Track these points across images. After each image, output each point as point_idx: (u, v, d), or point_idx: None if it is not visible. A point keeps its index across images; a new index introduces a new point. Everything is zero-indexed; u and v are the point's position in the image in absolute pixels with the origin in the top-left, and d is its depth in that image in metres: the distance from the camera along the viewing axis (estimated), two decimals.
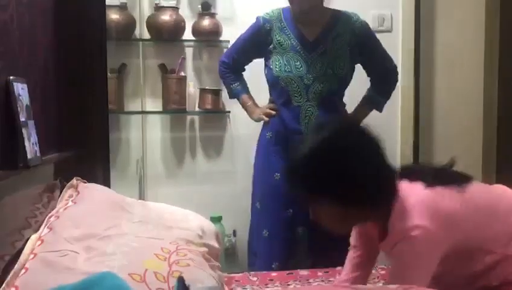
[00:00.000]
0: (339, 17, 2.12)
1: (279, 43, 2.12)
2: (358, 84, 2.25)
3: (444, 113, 2.97)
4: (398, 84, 2.82)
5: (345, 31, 2.10)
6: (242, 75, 2.34)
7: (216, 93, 2.72)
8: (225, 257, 2.60)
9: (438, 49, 2.97)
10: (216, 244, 1.36)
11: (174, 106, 2.72)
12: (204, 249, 1.19)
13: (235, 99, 2.35)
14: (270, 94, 2.24)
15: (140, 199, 2.69)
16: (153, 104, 2.79)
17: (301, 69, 2.09)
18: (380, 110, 2.24)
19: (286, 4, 2.18)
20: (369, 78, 2.25)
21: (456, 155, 3.44)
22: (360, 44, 2.12)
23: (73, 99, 1.88)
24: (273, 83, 2.16)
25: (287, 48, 2.11)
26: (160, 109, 2.77)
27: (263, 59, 2.22)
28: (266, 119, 2.20)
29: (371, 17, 2.78)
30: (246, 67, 2.34)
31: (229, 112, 2.77)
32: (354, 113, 2.22)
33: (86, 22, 1.90)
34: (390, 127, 2.84)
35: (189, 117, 2.84)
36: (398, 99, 2.86)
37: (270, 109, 2.19)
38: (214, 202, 2.72)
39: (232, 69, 2.29)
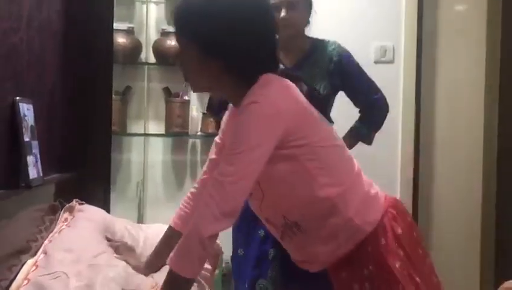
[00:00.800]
0: (318, 45, 2.04)
1: None
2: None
3: (445, 145, 2.99)
4: (399, 115, 2.89)
5: (323, 57, 2.01)
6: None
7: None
8: (222, 283, 2.59)
9: (439, 81, 3.01)
10: (207, 266, 1.36)
11: (176, 129, 2.74)
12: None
13: None
14: None
15: (138, 220, 2.70)
16: (156, 126, 2.82)
17: None
18: (368, 142, 2.06)
19: None
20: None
21: (457, 188, 3.45)
22: (339, 72, 2.01)
23: (77, 120, 1.91)
24: None
25: None
26: (162, 131, 2.79)
27: None
28: None
29: (373, 48, 2.82)
30: None
31: None
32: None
33: (94, 45, 1.94)
34: (390, 161, 2.85)
35: (191, 140, 2.86)
36: (398, 131, 2.88)
37: None
38: None
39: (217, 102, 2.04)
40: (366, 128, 2.06)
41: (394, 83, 2.81)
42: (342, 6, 2.81)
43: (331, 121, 1.97)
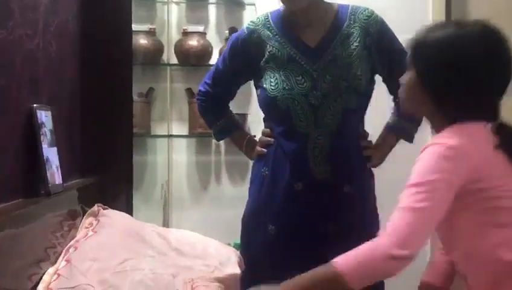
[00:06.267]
0: (347, 13, 1.60)
1: (272, 55, 1.59)
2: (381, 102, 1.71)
3: None
4: None
5: (357, 29, 1.58)
6: (227, 107, 1.80)
7: (242, 117, 2.70)
8: None
9: None
10: (237, 270, 1.32)
11: (200, 130, 2.72)
12: (221, 284, 1.16)
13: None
14: (265, 122, 1.71)
15: (164, 222, 2.69)
16: (179, 127, 2.80)
17: (305, 85, 1.55)
18: (409, 140, 1.68)
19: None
20: (392, 97, 1.72)
21: None
22: (378, 47, 1.60)
23: (98, 124, 1.90)
24: (269, 106, 1.61)
25: (283, 59, 1.58)
26: (186, 132, 2.78)
27: (253, 80, 1.72)
28: (264, 151, 1.64)
29: (401, 41, 2.72)
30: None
31: (255, 136, 2.75)
32: (379, 142, 1.69)
33: (113, 47, 1.93)
34: None
35: (214, 141, 2.83)
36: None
37: (266, 135, 1.67)
38: (238, 227, 2.68)
39: (212, 101, 1.76)
40: (407, 123, 1.65)
41: None
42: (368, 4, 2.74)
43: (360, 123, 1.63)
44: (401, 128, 1.67)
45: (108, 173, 1.89)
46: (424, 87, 1.21)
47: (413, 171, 1.14)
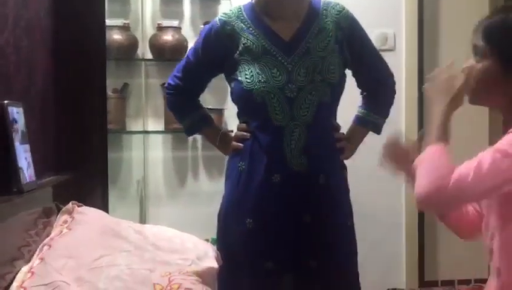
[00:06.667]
0: (319, 8, 1.62)
1: (246, 47, 1.59)
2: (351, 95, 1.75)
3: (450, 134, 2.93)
4: (402, 104, 2.83)
5: (329, 24, 1.60)
6: (198, 100, 1.78)
7: (218, 112, 2.70)
8: None
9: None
10: (215, 265, 1.33)
11: (176, 126, 2.69)
12: (198, 278, 1.16)
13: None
14: (240, 117, 1.71)
15: (141, 219, 2.67)
16: (155, 123, 2.78)
17: (280, 78, 1.56)
18: (377, 131, 1.74)
19: None
20: (360, 91, 1.77)
21: None
22: (348, 42, 1.63)
23: (72, 121, 1.87)
24: (245, 99, 1.60)
25: (258, 52, 1.58)
26: (162, 128, 2.75)
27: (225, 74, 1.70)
28: (240, 146, 1.64)
29: (374, 36, 2.73)
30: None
31: (232, 131, 2.75)
32: (349, 135, 1.73)
33: (86, 42, 1.90)
34: None
35: (191, 137, 2.82)
36: (402, 119, 2.83)
37: (241, 130, 1.66)
38: (216, 223, 2.69)
39: (183, 94, 1.73)
40: (376, 115, 1.72)
41: (396, 71, 2.71)
42: None
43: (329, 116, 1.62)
44: (370, 121, 1.72)
45: (83, 170, 1.87)
46: (508, 77, 1.14)
47: (504, 140, 1.09)
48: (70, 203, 1.50)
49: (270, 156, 1.58)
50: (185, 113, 1.77)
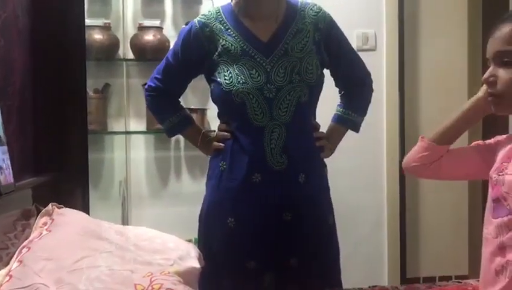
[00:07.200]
0: (297, 8, 1.64)
1: (225, 49, 1.61)
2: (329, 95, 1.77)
3: (430, 132, 2.97)
4: (383, 103, 2.86)
5: (306, 25, 1.63)
6: (179, 102, 1.80)
7: (201, 112, 2.69)
8: None
9: (422, 68, 2.99)
10: (197, 265, 1.32)
11: (158, 126, 2.67)
12: (180, 278, 1.16)
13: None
14: (220, 117, 1.73)
15: (123, 220, 2.65)
16: (137, 124, 2.76)
17: (259, 78, 1.58)
18: (356, 130, 1.77)
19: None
20: (338, 90, 1.80)
21: None
22: (326, 42, 1.65)
23: (51, 121, 1.85)
24: (224, 100, 1.62)
25: (237, 53, 1.60)
26: (144, 128, 2.74)
27: (204, 75, 1.71)
28: (221, 145, 1.66)
29: (355, 35, 2.78)
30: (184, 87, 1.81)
31: (214, 131, 2.75)
32: (329, 133, 1.75)
33: (65, 42, 1.88)
34: (375, 147, 2.83)
35: (174, 137, 2.81)
36: (383, 120, 2.86)
37: (222, 130, 1.68)
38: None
39: (163, 96, 1.75)
40: (354, 114, 1.75)
41: (377, 71, 2.78)
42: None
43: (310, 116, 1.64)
44: (349, 120, 1.75)
45: (63, 172, 1.85)
46: None
47: None
48: (50, 204, 1.49)
49: (250, 156, 1.60)
50: (166, 114, 1.78)
